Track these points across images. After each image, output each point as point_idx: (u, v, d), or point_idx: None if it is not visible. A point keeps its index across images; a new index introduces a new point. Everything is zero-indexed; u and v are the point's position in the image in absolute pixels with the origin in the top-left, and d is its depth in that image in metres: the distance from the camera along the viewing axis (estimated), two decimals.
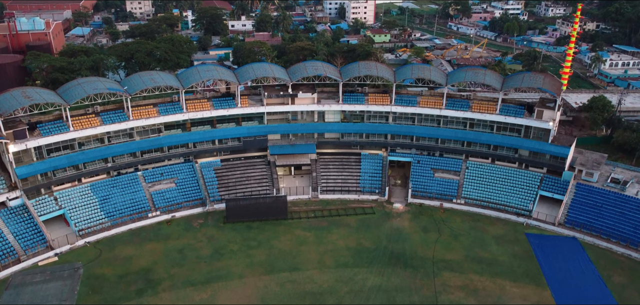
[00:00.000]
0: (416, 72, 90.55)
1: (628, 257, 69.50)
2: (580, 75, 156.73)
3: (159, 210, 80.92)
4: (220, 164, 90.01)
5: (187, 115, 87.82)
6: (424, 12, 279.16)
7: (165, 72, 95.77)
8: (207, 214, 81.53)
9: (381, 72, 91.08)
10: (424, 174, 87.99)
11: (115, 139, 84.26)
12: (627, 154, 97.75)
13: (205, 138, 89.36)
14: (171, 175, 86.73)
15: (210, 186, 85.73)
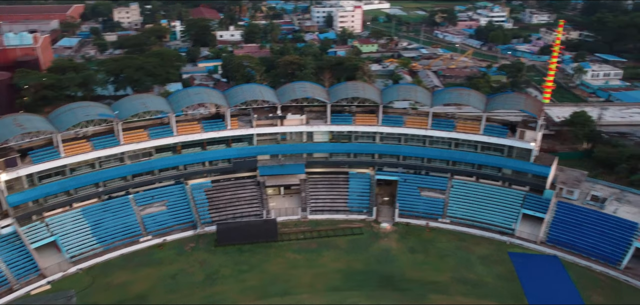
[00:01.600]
0: (403, 93, 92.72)
1: (607, 276, 72.11)
2: (562, 85, 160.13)
3: (151, 234, 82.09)
4: (210, 185, 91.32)
5: (178, 138, 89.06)
6: (411, 19, 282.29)
7: (155, 95, 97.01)
8: (199, 237, 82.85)
9: (368, 93, 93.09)
10: (411, 193, 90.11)
11: (107, 164, 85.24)
12: (607, 168, 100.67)
13: (196, 160, 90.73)
14: (162, 198, 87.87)
15: (201, 208, 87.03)
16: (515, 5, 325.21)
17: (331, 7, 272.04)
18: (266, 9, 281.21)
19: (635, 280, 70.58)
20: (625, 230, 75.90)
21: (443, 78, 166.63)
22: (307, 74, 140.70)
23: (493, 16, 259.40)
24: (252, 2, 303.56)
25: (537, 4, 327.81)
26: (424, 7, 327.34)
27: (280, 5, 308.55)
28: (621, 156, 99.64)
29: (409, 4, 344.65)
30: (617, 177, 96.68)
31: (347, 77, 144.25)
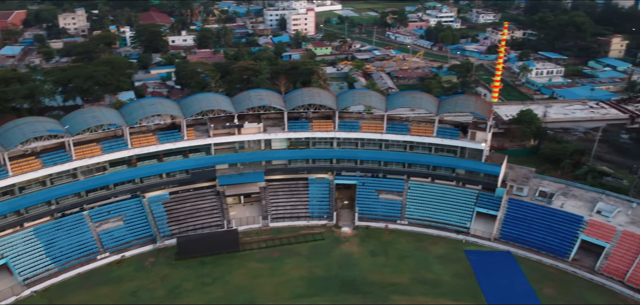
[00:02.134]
0: (358, 98, 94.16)
1: (556, 268, 76.06)
2: (509, 83, 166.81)
3: (108, 251, 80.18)
4: (169, 197, 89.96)
5: (133, 151, 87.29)
6: (363, 20, 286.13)
7: (107, 108, 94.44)
8: (158, 251, 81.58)
9: (324, 100, 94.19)
10: (369, 196, 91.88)
11: (58, 180, 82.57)
12: (553, 164, 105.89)
13: (152, 173, 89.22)
14: (118, 213, 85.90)
15: (159, 221, 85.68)
16: (463, 5, 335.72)
17: (284, 10, 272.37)
18: (218, 13, 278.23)
19: (582, 271, 74.78)
20: (571, 224, 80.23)
21: (396, 79, 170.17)
22: (262, 80, 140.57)
23: (442, 17, 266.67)
24: (203, 6, 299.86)
25: (483, 3, 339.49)
26: (375, 7, 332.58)
27: (233, 8, 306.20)
28: (565, 152, 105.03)
29: (361, 5, 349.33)
30: (563, 172, 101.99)
31: (302, 81, 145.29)
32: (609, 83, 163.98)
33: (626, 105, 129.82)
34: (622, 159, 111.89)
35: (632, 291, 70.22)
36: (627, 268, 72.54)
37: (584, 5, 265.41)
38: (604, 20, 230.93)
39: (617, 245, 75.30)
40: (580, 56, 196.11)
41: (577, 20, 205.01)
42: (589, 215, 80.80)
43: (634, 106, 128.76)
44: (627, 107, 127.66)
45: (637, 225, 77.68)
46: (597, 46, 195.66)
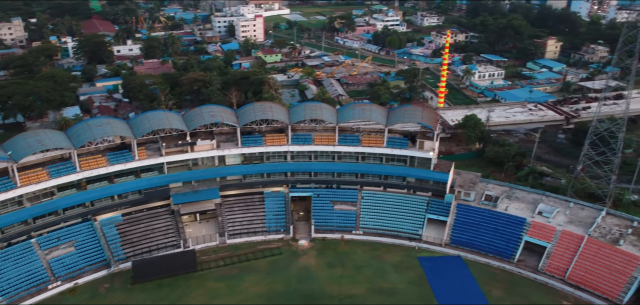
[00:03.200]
0: (309, 112, 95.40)
1: (503, 270, 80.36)
2: (454, 86, 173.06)
3: (60, 279, 77.95)
4: (121, 219, 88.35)
5: (82, 175, 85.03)
6: (312, 25, 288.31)
7: (53, 131, 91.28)
8: (113, 276, 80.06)
9: (276, 114, 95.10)
10: (325, 207, 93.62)
11: (3, 209, 79.44)
12: (497, 166, 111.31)
13: (103, 195, 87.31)
14: (69, 238, 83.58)
15: (113, 245, 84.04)
16: (408, 7, 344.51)
17: (232, 16, 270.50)
18: (165, 20, 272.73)
19: (526, 272, 79.39)
20: (515, 226, 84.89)
21: (346, 85, 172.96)
22: (213, 91, 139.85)
23: (388, 20, 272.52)
24: (148, 13, 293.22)
25: (427, 6, 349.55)
26: (323, 11, 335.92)
27: (180, 14, 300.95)
28: (508, 155, 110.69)
29: (309, 9, 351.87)
30: (506, 174, 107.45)
31: (253, 91, 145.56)
32: (545, 84, 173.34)
33: (562, 106, 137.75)
34: (560, 158, 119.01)
35: (572, 288, 75.26)
36: (567, 266, 77.62)
37: (521, 8, 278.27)
38: (540, 22, 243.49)
39: (557, 245, 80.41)
40: (519, 58, 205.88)
41: (515, 23, 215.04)
42: (531, 217, 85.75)
43: (569, 107, 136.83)
44: (562, 109, 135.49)
45: (575, 225, 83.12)
46: (534, 48, 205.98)
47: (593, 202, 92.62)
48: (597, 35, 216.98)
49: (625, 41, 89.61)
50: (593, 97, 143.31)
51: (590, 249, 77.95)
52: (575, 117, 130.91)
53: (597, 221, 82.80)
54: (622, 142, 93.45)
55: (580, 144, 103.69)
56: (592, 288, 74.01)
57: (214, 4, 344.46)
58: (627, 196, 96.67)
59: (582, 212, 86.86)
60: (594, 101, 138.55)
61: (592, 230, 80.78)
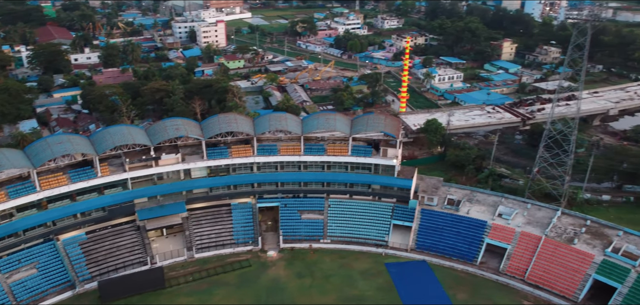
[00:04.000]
0: (274, 123, 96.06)
1: (467, 272, 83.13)
2: (416, 90, 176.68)
3: (22, 303, 75.91)
4: (85, 238, 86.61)
5: (42, 194, 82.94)
6: (274, 29, 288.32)
7: (10, 151, 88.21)
8: (79, 297, 78.56)
9: (241, 126, 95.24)
10: (292, 217, 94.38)
11: None
12: (458, 169, 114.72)
13: (65, 214, 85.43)
14: (30, 260, 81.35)
15: (77, 265, 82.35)
16: (368, 10, 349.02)
17: (193, 21, 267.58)
18: (123, 26, 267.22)
19: (489, 273, 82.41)
20: (477, 229, 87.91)
21: (310, 91, 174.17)
22: (175, 101, 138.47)
23: (349, 24, 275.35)
24: (106, 18, 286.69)
25: (386, 7, 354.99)
26: (284, 15, 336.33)
27: (139, 20, 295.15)
28: (468, 158, 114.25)
29: (270, 12, 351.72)
30: (467, 177, 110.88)
31: (217, 99, 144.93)
32: (502, 85, 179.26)
33: (518, 108, 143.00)
34: (518, 159, 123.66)
35: (532, 287, 78.65)
36: (526, 266, 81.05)
37: (477, 10, 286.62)
38: (495, 24, 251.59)
39: (517, 246, 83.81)
40: (476, 60, 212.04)
41: (472, 25, 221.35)
42: (492, 219, 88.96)
43: (524, 109, 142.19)
44: (518, 111, 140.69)
45: (533, 226, 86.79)
46: (491, 50, 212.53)
47: (549, 202, 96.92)
48: (550, 37, 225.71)
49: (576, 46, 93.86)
50: (547, 99, 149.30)
51: (547, 249, 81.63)
52: (531, 118, 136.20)
53: (553, 221, 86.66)
54: (575, 143, 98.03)
55: (536, 145, 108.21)
56: (550, 287, 77.58)
57: (174, 8, 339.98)
58: (581, 195, 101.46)
59: (539, 212, 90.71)
60: (548, 102, 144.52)
61: (549, 231, 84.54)
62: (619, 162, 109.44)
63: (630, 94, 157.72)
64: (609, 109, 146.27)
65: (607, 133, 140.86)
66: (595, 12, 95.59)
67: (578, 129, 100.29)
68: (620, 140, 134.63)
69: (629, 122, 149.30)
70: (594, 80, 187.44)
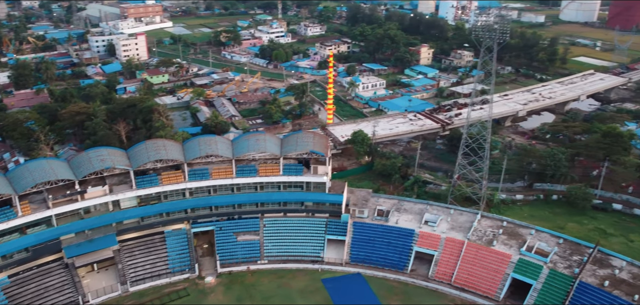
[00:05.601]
0: (204, 148, 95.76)
1: (399, 281, 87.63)
2: (341, 98, 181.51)
3: None
4: (8, 282, 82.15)
5: None
6: (197, 39, 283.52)
7: None
8: None
9: (171, 153, 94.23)
10: (228, 240, 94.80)
11: None
12: (385, 178, 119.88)
13: None
14: None
15: None
16: (291, 16, 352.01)
17: (111, 34, 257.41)
18: (34, 41, 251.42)
19: (419, 280, 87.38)
20: (406, 238, 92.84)
21: (238, 105, 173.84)
22: (98, 124, 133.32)
23: (273, 32, 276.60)
24: (14, 32, 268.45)
25: (309, 13, 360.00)
26: (207, 23, 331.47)
27: (51, 34, 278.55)
28: (394, 167, 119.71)
29: (192, 21, 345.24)
30: (394, 186, 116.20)
31: (143, 119, 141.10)
32: (422, 91, 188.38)
33: (437, 114, 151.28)
34: (440, 164, 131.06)
35: (458, 291, 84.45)
36: (453, 270, 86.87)
37: (395, 15, 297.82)
38: (413, 29, 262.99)
39: (443, 252, 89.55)
40: (397, 65, 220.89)
41: (391, 32, 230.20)
42: (419, 227, 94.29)
43: (443, 115, 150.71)
44: (438, 117, 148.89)
45: (456, 231, 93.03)
46: (410, 56, 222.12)
47: (470, 205, 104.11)
48: (463, 40, 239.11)
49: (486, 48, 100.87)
50: (463, 103, 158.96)
51: (470, 252, 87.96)
52: (450, 124, 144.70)
53: (474, 225, 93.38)
54: (490, 147, 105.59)
55: (456, 149, 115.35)
56: (474, 289, 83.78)
57: (89, 19, 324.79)
58: (497, 196, 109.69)
59: (461, 217, 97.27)
60: (464, 107, 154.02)
61: (471, 234, 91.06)
62: (528, 162, 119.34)
63: (536, 95, 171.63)
64: (518, 110, 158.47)
65: (517, 133, 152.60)
66: (502, 13, 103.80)
67: (491, 131, 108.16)
68: (529, 139, 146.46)
69: (536, 121, 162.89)
70: (504, 82, 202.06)
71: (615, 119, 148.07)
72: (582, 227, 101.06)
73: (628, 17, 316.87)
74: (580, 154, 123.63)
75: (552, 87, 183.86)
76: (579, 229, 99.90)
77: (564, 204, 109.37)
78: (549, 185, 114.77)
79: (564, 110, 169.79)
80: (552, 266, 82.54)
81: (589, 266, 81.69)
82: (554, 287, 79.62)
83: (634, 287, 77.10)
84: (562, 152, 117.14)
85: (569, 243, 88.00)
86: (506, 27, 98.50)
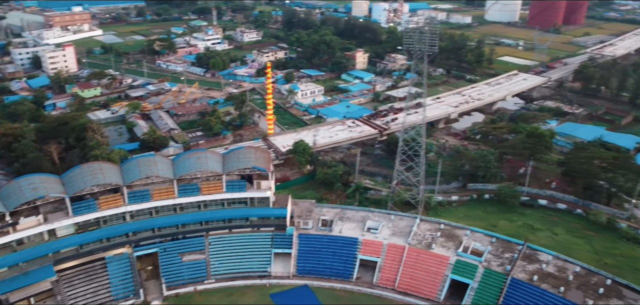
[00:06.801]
0: (144, 169, 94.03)
1: (345, 290, 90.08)
2: (281, 106, 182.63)
3: None
4: None
5: None
6: (129, 47, 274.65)
7: None
8: None
9: (108, 176, 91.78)
10: (174, 261, 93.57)
11: None
12: (328, 187, 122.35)
13: None
14: None
15: None
16: (226, 21, 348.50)
17: (36, 45, 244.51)
18: None
19: (364, 288, 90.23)
20: (350, 246, 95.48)
21: (176, 117, 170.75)
22: (27, 145, 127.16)
23: (209, 39, 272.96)
24: None
25: (244, 17, 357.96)
26: (139, 30, 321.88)
27: None
28: (335, 175, 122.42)
29: (123, 28, 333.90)
30: (337, 194, 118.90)
31: (76, 137, 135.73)
32: (359, 95, 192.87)
33: (374, 120, 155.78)
34: (379, 169, 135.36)
35: (402, 295, 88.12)
36: (395, 276, 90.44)
37: (330, 19, 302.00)
38: (347, 33, 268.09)
39: (386, 258, 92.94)
40: (334, 70, 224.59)
41: (327, 37, 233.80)
42: (362, 235, 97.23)
43: (381, 120, 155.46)
44: (375, 122, 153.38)
45: (397, 236, 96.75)
46: (346, 60, 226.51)
47: (409, 209, 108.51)
48: (396, 43, 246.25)
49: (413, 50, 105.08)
50: (399, 108, 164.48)
51: (411, 256, 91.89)
52: (387, 129, 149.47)
53: (413, 229, 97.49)
54: (425, 150, 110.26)
55: (394, 154, 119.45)
56: (416, 292, 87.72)
57: (10, 29, 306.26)
58: (434, 199, 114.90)
59: (401, 222, 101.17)
60: (400, 111, 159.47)
61: (411, 239, 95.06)
62: (462, 164, 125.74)
63: (466, 97, 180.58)
64: (451, 113, 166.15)
65: (450, 134, 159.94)
66: (431, 16, 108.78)
67: (426, 133, 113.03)
68: (461, 140, 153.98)
69: (467, 122, 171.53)
70: (436, 84, 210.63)
71: (538, 118, 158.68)
72: (512, 223, 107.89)
73: (546, 17, 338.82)
74: (508, 154, 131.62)
75: (480, 88, 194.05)
76: (509, 226, 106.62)
77: (496, 202, 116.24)
78: (482, 185, 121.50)
79: (492, 110, 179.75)
80: (486, 265, 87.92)
81: (519, 262, 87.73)
82: (489, 285, 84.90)
83: (559, 279, 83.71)
84: (491, 153, 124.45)
85: (501, 241, 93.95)
86: (435, 40, 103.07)
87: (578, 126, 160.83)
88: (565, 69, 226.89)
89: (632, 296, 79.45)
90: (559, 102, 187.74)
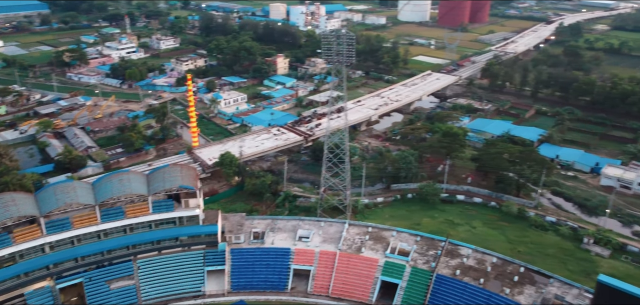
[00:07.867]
0: (62, 197, 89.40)
1: (281, 302, 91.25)
2: (205, 116, 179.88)
3: None
4: None
5: None
6: (36, 59, 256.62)
7: None
8: None
9: (23, 208, 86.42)
10: (101, 290, 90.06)
11: None
12: (257, 197, 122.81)
13: None
14: None
15: None
16: (140, 28, 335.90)
17: None
18: None
19: (299, 298, 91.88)
20: (283, 257, 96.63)
21: (93, 133, 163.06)
22: None
23: (123, 48, 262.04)
24: None
25: (159, 23, 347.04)
26: (45, 40, 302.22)
27: None
28: (264, 185, 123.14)
29: (27, 38, 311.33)
30: (266, 204, 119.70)
31: None
32: (283, 101, 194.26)
33: (299, 127, 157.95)
34: (307, 175, 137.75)
35: (336, 301, 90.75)
36: (328, 282, 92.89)
37: (249, 24, 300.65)
38: (267, 38, 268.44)
39: (318, 266, 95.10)
40: (256, 77, 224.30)
41: (247, 44, 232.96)
42: (294, 245, 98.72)
43: (305, 127, 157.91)
44: (300, 129, 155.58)
45: (328, 243, 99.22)
46: (267, 66, 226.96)
47: (338, 214, 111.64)
48: (315, 46, 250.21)
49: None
50: (322, 113, 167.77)
51: (342, 262, 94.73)
52: (311, 135, 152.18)
53: (343, 235, 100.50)
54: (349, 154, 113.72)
55: (320, 160, 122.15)
56: (349, 297, 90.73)
57: None
58: (361, 202, 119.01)
59: (331, 228, 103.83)
60: (324, 116, 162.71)
61: (341, 244, 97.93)
62: (384, 166, 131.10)
63: (385, 99, 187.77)
64: (371, 115, 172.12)
65: (372, 136, 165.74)
66: (348, 18, 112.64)
67: (349, 137, 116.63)
68: (383, 141, 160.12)
69: (388, 122, 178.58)
70: (356, 86, 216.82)
71: (452, 116, 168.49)
72: (434, 220, 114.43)
73: (454, 16, 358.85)
74: (427, 153, 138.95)
75: (397, 90, 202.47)
76: (432, 222, 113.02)
77: (418, 201, 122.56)
78: (405, 185, 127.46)
79: (410, 110, 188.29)
80: (413, 264, 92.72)
81: (443, 259, 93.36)
82: (417, 283, 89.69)
83: (479, 271, 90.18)
84: (411, 154, 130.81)
85: (425, 239, 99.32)
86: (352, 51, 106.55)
87: (488, 122, 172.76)
88: (474, 67, 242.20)
89: (543, 281, 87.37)
90: (470, 99, 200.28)
